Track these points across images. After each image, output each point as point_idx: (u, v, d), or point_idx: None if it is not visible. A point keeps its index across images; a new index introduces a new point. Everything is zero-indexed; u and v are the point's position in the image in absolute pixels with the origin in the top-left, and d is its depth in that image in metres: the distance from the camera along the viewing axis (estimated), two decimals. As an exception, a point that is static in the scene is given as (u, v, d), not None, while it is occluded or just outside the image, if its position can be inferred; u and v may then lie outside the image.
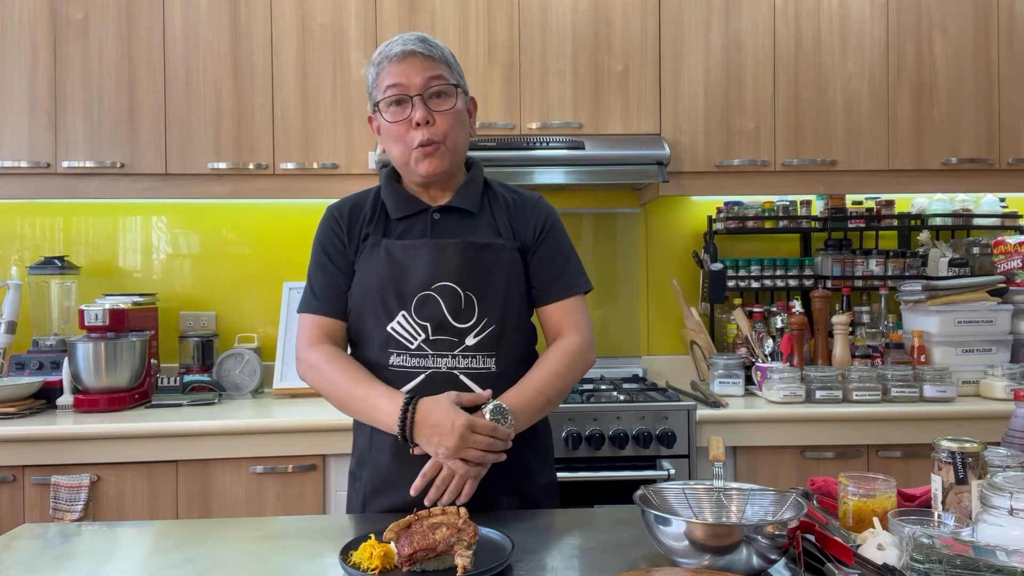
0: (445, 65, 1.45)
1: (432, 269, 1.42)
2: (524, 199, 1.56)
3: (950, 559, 0.94)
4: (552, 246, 1.53)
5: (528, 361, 1.50)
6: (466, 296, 1.42)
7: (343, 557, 1.09)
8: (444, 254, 1.42)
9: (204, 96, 2.59)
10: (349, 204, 1.55)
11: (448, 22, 2.63)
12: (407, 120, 1.42)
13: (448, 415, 1.29)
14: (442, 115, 1.43)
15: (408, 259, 1.43)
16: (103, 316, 2.43)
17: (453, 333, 1.42)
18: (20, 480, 2.19)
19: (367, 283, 1.45)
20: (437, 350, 1.41)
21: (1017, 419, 1.34)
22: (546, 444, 1.56)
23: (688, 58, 2.69)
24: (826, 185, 2.75)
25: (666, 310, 3.03)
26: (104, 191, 2.59)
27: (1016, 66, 2.75)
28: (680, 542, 1.04)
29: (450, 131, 1.44)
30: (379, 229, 1.49)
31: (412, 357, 1.41)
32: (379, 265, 1.44)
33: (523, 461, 1.45)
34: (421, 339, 1.42)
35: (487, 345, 1.42)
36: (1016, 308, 2.63)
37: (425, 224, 1.48)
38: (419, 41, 1.43)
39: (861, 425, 2.34)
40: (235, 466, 2.24)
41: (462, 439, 1.27)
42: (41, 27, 2.55)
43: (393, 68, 1.43)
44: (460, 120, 1.47)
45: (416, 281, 1.42)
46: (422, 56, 1.42)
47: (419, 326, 1.42)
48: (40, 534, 1.32)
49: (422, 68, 1.42)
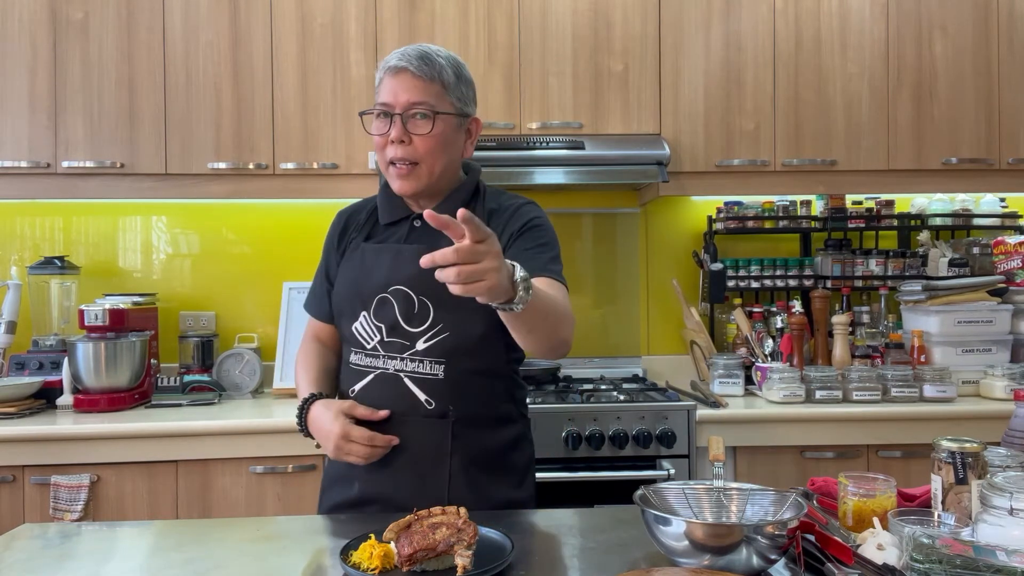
0: (440, 85, 1.43)
1: (389, 273, 1.46)
2: (504, 207, 1.52)
3: (950, 559, 0.94)
4: (527, 240, 1.47)
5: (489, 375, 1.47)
6: (420, 301, 1.43)
7: (343, 557, 1.09)
8: (401, 259, 1.46)
9: (204, 96, 2.59)
10: (351, 209, 1.62)
11: (448, 22, 2.63)
12: (386, 135, 1.43)
13: (327, 424, 1.41)
14: (420, 138, 1.42)
15: (372, 262, 1.49)
16: (103, 316, 2.43)
17: (404, 336, 1.44)
18: (20, 480, 2.19)
19: (342, 283, 1.54)
20: (389, 352, 1.45)
21: (1017, 419, 1.34)
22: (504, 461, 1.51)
23: (688, 58, 2.69)
24: (826, 185, 2.75)
25: (666, 310, 3.03)
26: (104, 191, 2.59)
27: (1016, 66, 2.75)
28: (680, 542, 1.04)
29: (427, 155, 1.43)
30: (364, 233, 1.55)
31: (367, 357, 1.47)
32: (353, 267, 1.52)
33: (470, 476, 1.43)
34: (376, 340, 1.46)
35: (437, 351, 1.42)
36: (1016, 308, 2.63)
37: (404, 231, 1.52)
38: (416, 59, 1.42)
39: (861, 425, 2.34)
40: (235, 466, 2.24)
41: (337, 448, 1.39)
42: (41, 27, 2.55)
43: (387, 81, 1.44)
44: (440, 144, 1.43)
45: (376, 283, 1.46)
46: (412, 75, 1.41)
47: (375, 327, 1.46)
48: (40, 534, 1.32)
49: (409, 88, 1.41)
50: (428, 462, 1.43)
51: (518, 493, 1.51)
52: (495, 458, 1.49)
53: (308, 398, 1.49)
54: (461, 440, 1.44)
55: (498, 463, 1.50)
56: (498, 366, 1.50)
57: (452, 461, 1.43)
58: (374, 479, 1.44)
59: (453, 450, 1.43)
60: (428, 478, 1.43)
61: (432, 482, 1.43)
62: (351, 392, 1.49)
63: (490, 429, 1.48)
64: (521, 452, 1.55)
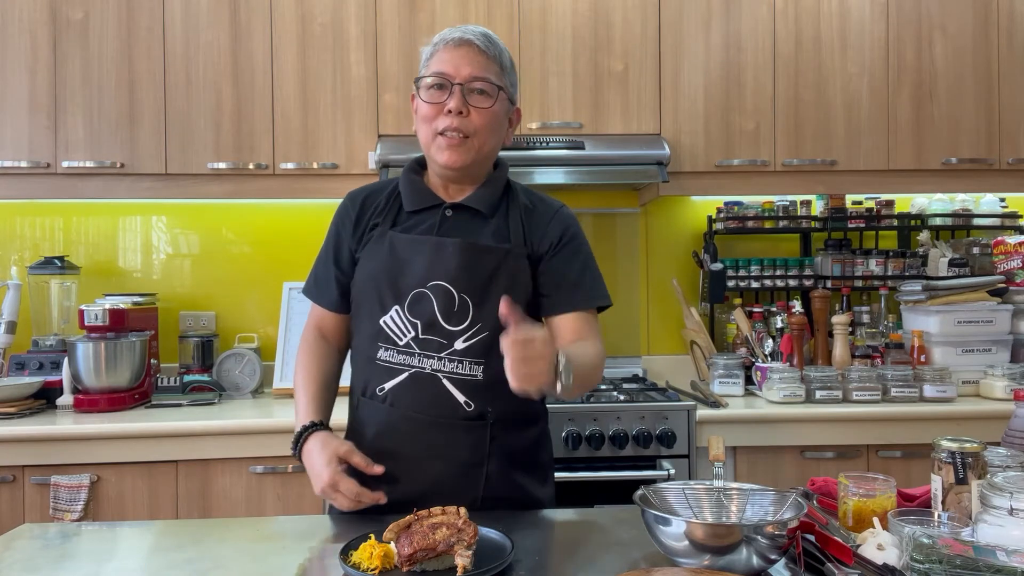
0: (498, 65, 1.44)
1: (429, 267, 1.40)
2: (545, 206, 1.52)
3: (950, 559, 0.94)
4: (568, 257, 1.48)
5: None
6: (460, 298, 1.39)
7: (343, 557, 1.09)
8: (443, 253, 1.40)
9: (204, 96, 2.59)
10: (367, 192, 1.54)
11: (448, 22, 2.63)
12: (441, 104, 1.40)
13: (318, 467, 1.34)
14: (478, 112, 1.41)
15: (408, 254, 1.42)
16: (103, 316, 2.43)
17: (442, 335, 1.39)
18: (20, 480, 2.19)
19: (367, 273, 1.45)
20: (424, 350, 1.39)
21: (1017, 419, 1.34)
22: (536, 460, 1.52)
23: (688, 58, 2.69)
24: (826, 185, 2.75)
25: (666, 310, 3.03)
26: (104, 191, 2.59)
27: (1016, 66, 2.75)
28: (680, 542, 1.04)
29: (482, 129, 1.41)
30: (389, 219, 1.47)
31: (399, 354, 1.40)
32: (381, 256, 1.43)
33: (507, 476, 1.43)
34: (410, 336, 1.40)
35: (476, 351, 1.39)
36: (1016, 308, 2.63)
37: (435, 220, 1.45)
38: (481, 35, 1.43)
39: (861, 425, 2.34)
40: (235, 466, 2.24)
41: (323, 492, 1.33)
42: (41, 27, 2.55)
43: (446, 53, 1.41)
44: (496, 122, 1.44)
45: (413, 277, 1.40)
46: (477, 49, 1.41)
47: (410, 323, 1.40)
48: (40, 534, 1.32)
49: (473, 61, 1.40)
50: (466, 466, 1.40)
51: (544, 491, 1.51)
52: (527, 457, 1.49)
53: (305, 429, 1.41)
54: (498, 442, 1.42)
55: (529, 462, 1.49)
56: None
57: (490, 464, 1.41)
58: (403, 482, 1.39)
59: (491, 452, 1.41)
60: (464, 482, 1.40)
61: (468, 485, 1.40)
62: (379, 390, 1.42)
63: (522, 428, 1.48)
64: (545, 449, 1.55)
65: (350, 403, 1.51)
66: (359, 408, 1.47)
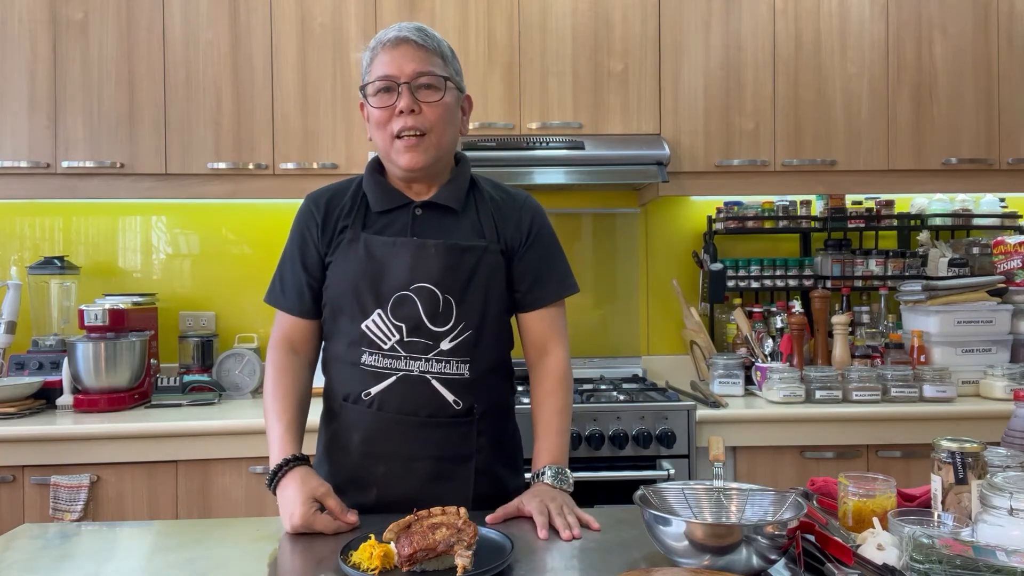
0: (439, 57, 1.42)
1: (412, 269, 1.39)
2: (511, 199, 1.52)
3: (950, 559, 0.94)
4: (540, 250, 1.49)
5: (500, 369, 1.49)
6: (444, 299, 1.40)
7: (343, 557, 1.09)
8: (425, 254, 1.39)
9: (204, 96, 2.59)
10: (328, 194, 1.50)
11: (448, 22, 2.63)
12: (392, 107, 1.39)
13: (291, 505, 1.28)
14: (429, 106, 1.39)
15: (388, 257, 1.40)
16: (103, 316, 2.43)
17: (428, 336, 1.39)
18: (20, 480, 2.19)
19: (343, 277, 1.42)
20: (411, 352, 1.39)
21: (1017, 419, 1.34)
22: (514, 450, 1.55)
23: (688, 58, 2.69)
24: (826, 185, 2.75)
25: (666, 310, 3.03)
26: (104, 191, 2.59)
27: (1016, 66, 2.75)
28: (680, 542, 1.04)
29: (437, 123, 1.40)
30: (358, 222, 1.44)
31: (385, 357, 1.39)
32: (357, 259, 1.41)
33: (491, 469, 1.46)
34: (395, 340, 1.39)
35: (462, 350, 1.40)
36: (1016, 308, 2.63)
37: (406, 220, 1.43)
38: (415, 30, 1.41)
39: (861, 425, 2.34)
40: (235, 466, 2.24)
41: (294, 529, 1.26)
42: (41, 27, 2.55)
43: (385, 55, 1.40)
44: (448, 114, 1.42)
45: (395, 280, 1.39)
46: (415, 45, 1.39)
47: (394, 326, 1.39)
48: (40, 534, 1.32)
49: (414, 58, 1.39)
50: (455, 462, 1.42)
51: (520, 479, 1.54)
52: (507, 449, 1.52)
53: (281, 465, 1.34)
54: (484, 436, 1.44)
55: (509, 454, 1.52)
56: (505, 358, 1.52)
57: (477, 459, 1.43)
58: (395, 483, 1.40)
59: (478, 447, 1.43)
60: (454, 478, 1.41)
61: (458, 482, 1.41)
62: (364, 395, 1.40)
63: (503, 421, 1.51)
64: (519, 438, 1.58)
65: (326, 408, 1.50)
66: (341, 414, 1.45)
